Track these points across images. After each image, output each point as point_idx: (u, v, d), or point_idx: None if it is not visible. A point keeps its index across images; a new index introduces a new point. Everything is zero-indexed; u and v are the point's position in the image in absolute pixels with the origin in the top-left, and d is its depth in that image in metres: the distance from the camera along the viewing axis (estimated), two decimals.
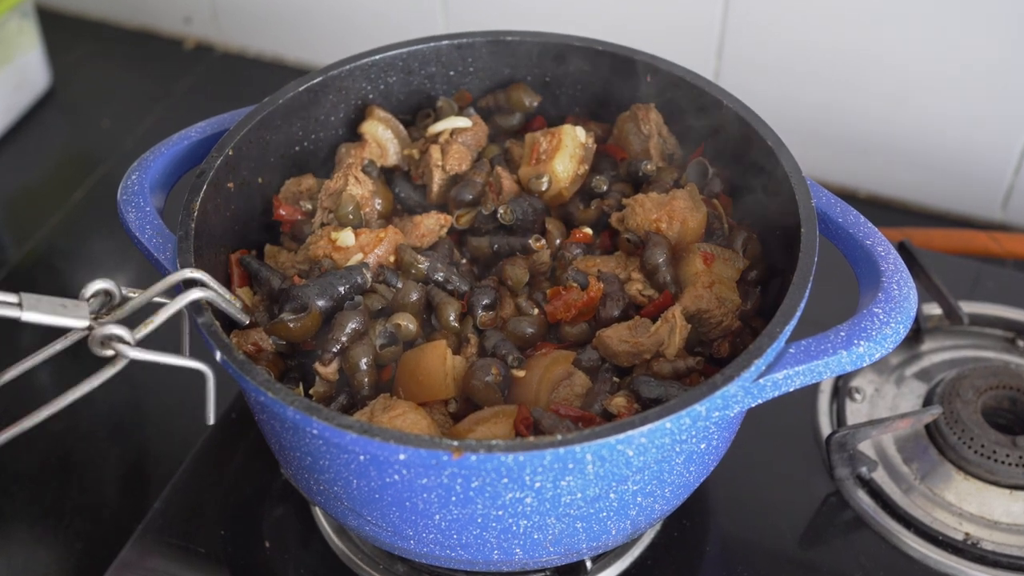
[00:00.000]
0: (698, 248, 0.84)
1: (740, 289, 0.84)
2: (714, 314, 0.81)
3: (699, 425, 0.70)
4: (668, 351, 0.79)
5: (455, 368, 0.79)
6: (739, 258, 0.85)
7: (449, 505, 0.71)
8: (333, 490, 0.76)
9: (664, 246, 0.84)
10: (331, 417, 0.67)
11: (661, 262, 0.83)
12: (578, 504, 0.72)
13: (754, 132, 0.86)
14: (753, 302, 0.84)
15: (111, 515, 1.02)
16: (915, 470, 0.97)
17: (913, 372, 1.06)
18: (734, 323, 0.81)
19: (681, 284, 0.83)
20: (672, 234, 0.85)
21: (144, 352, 0.68)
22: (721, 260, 0.84)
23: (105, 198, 1.33)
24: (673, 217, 0.85)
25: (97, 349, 0.68)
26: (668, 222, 0.85)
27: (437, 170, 0.92)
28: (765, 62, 1.29)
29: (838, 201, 0.84)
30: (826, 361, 0.73)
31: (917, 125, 1.27)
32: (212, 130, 0.91)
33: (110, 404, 1.12)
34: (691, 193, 0.87)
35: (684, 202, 0.86)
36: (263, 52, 1.58)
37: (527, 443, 0.65)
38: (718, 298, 0.81)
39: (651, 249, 0.83)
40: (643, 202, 0.86)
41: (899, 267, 0.78)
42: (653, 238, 0.84)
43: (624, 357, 0.80)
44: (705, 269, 0.83)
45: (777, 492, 0.97)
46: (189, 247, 0.78)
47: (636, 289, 0.84)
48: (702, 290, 0.81)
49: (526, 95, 0.97)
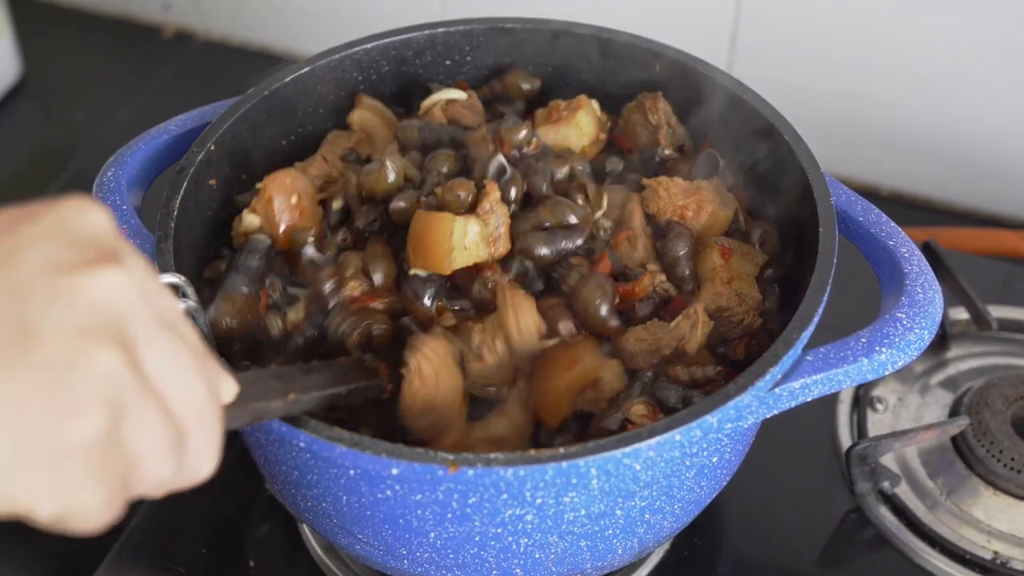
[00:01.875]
0: (715, 242, 0.84)
1: (759, 286, 0.84)
2: (735, 311, 0.80)
3: (711, 437, 0.70)
4: (690, 345, 0.78)
5: (468, 244, 0.79)
6: (757, 253, 0.85)
7: (445, 522, 0.71)
8: (321, 506, 0.76)
9: (687, 238, 0.83)
10: (319, 429, 0.67)
11: (682, 255, 0.83)
12: (582, 521, 0.72)
13: (769, 124, 0.86)
14: (773, 300, 0.84)
15: None
16: (941, 485, 0.97)
17: (939, 380, 1.06)
18: (756, 321, 0.81)
19: (697, 279, 0.83)
20: (697, 225, 0.85)
21: None
22: (739, 255, 0.84)
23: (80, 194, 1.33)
24: (702, 208, 0.85)
25: None
26: (695, 211, 0.85)
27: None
28: (781, 49, 1.29)
29: (858, 199, 0.84)
30: (846, 369, 0.73)
31: (944, 116, 1.27)
32: (193, 123, 0.91)
33: None
34: (718, 188, 0.87)
35: (712, 193, 0.86)
36: (248, 40, 1.58)
37: (528, 457, 0.65)
38: (738, 295, 0.81)
39: (673, 240, 0.83)
40: (669, 186, 0.86)
41: (924, 269, 0.78)
42: (676, 228, 0.83)
43: (641, 357, 0.79)
44: (723, 264, 0.83)
45: (794, 508, 0.97)
46: (168, 249, 0.77)
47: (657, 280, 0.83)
48: (721, 286, 0.81)
49: (523, 80, 0.97)
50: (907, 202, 1.34)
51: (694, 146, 0.94)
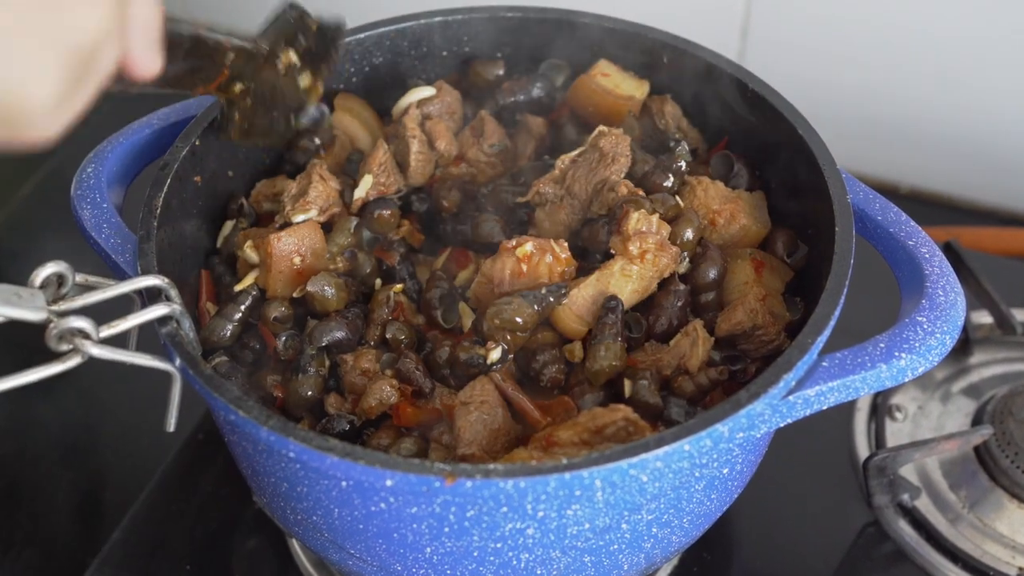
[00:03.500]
0: (748, 254, 0.84)
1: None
2: (768, 331, 0.80)
3: (721, 447, 0.70)
4: (691, 363, 0.79)
5: None
6: (784, 268, 0.85)
7: (442, 537, 0.71)
8: (312, 520, 0.76)
9: (719, 263, 0.82)
10: (309, 439, 0.67)
11: (712, 279, 0.82)
12: (586, 536, 0.72)
13: (783, 119, 0.86)
14: (798, 316, 0.83)
15: (64, 548, 1.02)
16: (963, 497, 0.97)
17: (961, 388, 1.06)
18: (785, 342, 0.80)
19: (723, 294, 0.83)
20: (725, 235, 0.85)
21: (105, 350, 0.69)
22: (768, 269, 0.84)
23: (57, 193, 1.33)
24: (734, 218, 0.85)
25: (55, 343, 0.68)
26: (727, 220, 0.85)
27: (413, 141, 0.92)
28: (794, 41, 1.29)
29: (877, 197, 0.84)
30: (863, 376, 0.73)
31: (966, 110, 1.27)
32: (177, 116, 0.91)
33: (62, 424, 1.11)
34: (758, 202, 0.87)
35: (748, 206, 0.86)
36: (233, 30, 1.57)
37: (528, 468, 0.65)
38: (772, 314, 0.80)
39: (706, 265, 0.82)
40: (708, 187, 0.86)
41: (945, 271, 0.78)
42: (710, 250, 0.83)
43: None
44: (756, 279, 0.82)
45: (808, 522, 0.97)
46: (151, 249, 0.78)
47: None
48: (756, 303, 0.80)
49: (486, 69, 0.97)
50: (927, 200, 1.34)
51: (708, 149, 0.94)
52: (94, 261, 0.81)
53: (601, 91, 0.93)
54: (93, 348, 0.68)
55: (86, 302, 0.71)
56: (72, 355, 0.68)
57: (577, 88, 0.95)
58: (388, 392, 0.79)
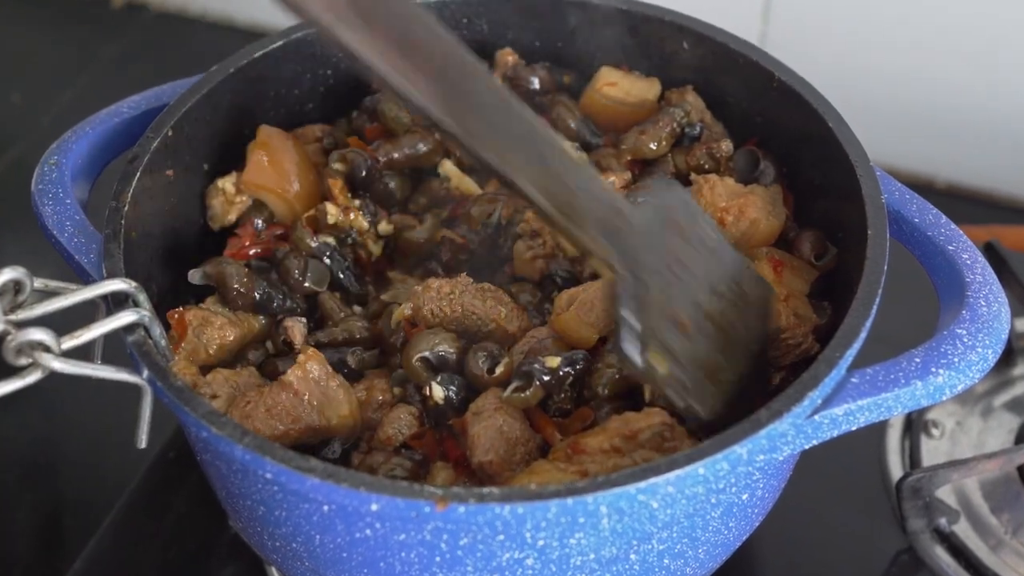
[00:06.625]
0: (764, 253, 0.84)
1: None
2: (794, 334, 0.80)
3: (740, 471, 0.70)
4: None
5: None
6: (808, 268, 0.84)
7: (432, 567, 0.70)
8: (292, 547, 0.76)
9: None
10: (288, 458, 0.67)
11: None
12: (591, 567, 0.72)
13: (811, 110, 0.86)
14: (826, 320, 0.83)
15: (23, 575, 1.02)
16: (1005, 522, 0.97)
17: (1003, 402, 1.06)
18: (813, 346, 0.80)
19: None
20: (735, 232, 0.85)
21: (67, 363, 0.68)
22: (789, 268, 0.84)
23: (17, 187, 1.31)
24: (743, 214, 0.85)
25: (12, 358, 0.68)
26: (735, 217, 0.85)
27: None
28: (820, 23, 1.29)
29: (914, 197, 0.84)
30: (897, 394, 0.72)
31: (1007, 98, 1.27)
32: (147, 105, 0.91)
33: (22, 441, 1.11)
34: (773, 195, 0.87)
35: (761, 200, 0.86)
36: (207, 11, 1.58)
37: (527, 492, 0.65)
38: (796, 315, 0.80)
39: None
40: (715, 184, 0.86)
41: (988, 278, 0.78)
42: None
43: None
44: (776, 279, 0.82)
45: (837, 550, 0.97)
46: (118, 249, 0.77)
47: None
48: (777, 304, 0.80)
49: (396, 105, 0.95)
50: (966, 196, 1.34)
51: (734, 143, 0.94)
52: (56, 262, 0.81)
53: (614, 104, 0.94)
54: (54, 362, 0.68)
55: (46, 310, 0.71)
56: (32, 370, 0.68)
57: (587, 104, 0.95)
58: (407, 420, 0.80)
